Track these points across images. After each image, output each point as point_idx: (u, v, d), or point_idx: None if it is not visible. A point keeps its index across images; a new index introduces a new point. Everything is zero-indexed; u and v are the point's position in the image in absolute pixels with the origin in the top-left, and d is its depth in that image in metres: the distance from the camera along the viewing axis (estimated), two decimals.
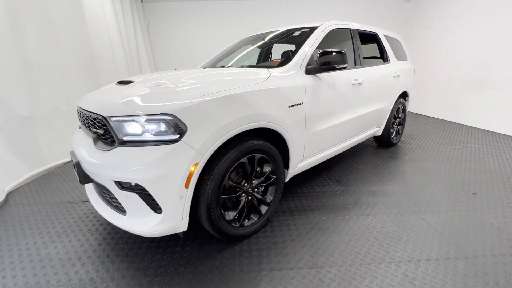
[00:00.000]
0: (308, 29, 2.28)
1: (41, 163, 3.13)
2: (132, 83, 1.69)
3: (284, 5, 6.35)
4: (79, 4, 3.70)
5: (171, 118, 1.29)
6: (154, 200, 1.33)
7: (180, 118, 1.30)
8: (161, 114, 1.29)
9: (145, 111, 1.31)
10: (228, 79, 1.63)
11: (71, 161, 1.76)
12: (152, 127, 1.32)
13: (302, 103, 1.88)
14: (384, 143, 3.57)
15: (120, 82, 1.88)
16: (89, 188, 1.90)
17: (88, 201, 2.31)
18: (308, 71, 1.99)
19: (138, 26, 5.66)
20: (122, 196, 1.38)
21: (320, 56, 1.94)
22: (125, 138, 1.35)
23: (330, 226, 1.85)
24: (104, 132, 1.43)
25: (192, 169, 1.34)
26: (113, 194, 1.43)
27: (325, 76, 2.11)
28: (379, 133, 3.28)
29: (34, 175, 2.97)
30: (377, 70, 2.86)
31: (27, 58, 2.96)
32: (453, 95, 5.23)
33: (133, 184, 1.34)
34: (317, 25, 2.30)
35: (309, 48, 2.06)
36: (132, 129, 1.34)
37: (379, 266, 1.46)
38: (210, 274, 1.45)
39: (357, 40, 2.67)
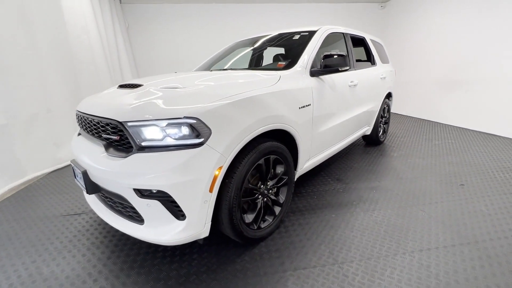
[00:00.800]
0: (307, 33, 2.35)
1: (19, 175, 2.87)
2: (141, 87, 1.63)
3: (267, 10, 6.46)
4: (57, 3, 3.47)
5: (195, 121, 1.26)
6: (178, 206, 1.29)
7: (204, 121, 1.27)
8: (184, 117, 1.26)
9: (167, 114, 1.27)
10: (242, 82, 1.63)
11: (73, 170, 1.64)
12: (174, 131, 1.28)
13: (310, 104, 1.93)
14: (372, 142, 3.76)
15: (124, 86, 1.80)
16: (91, 198, 1.78)
17: (84, 213, 2.16)
18: (312, 73, 2.04)
19: (118, 27, 5.42)
20: (141, 205, 1.32)
21: (323, 58, 2.01)
22: (143, 144, 1.29)
23: (341, 223, 1.91)
24: (120, 138, 1.35)
25: (216, 172, 1.32)
26: (129, 203, 1.36)
27: (327, 78, 2.19)
28: (368, 132, 3.44)
29: (12, 189, 2.72)
30: (368, 72, 3.02)
31: (2, 60, 2.71)
32: (428, 96, 5.64)
33: (154, 191, 1.29)
34: (315, 29, 2.37)
35: (311, 51, 2.13)
36: (152, 133, 1.29)
37: (395, 258, 1.54)
38: (235, 278, 1.42)
39: (350, 43, 2.80)
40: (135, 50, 6.12)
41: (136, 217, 1.42)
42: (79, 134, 1.82)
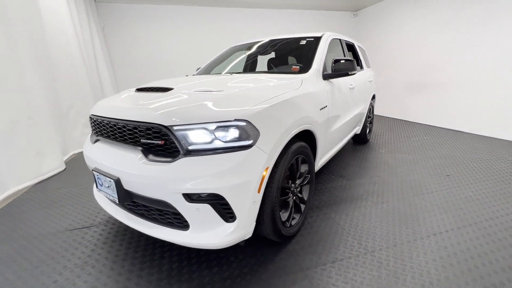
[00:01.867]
0: (313, 39, 2.48)
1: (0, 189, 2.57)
2: (172, 90, 1.59)
3: (248, 15, 6.56)
4: (34, 1, 3.17)
5: (245, 124, 1.29)
6: (228, 208, 1.29)
7: (253, 123, 1.31)
8: (235, 120, 1.28)
9: (216, 118, 1.28)
10: (273, 85, 1.68)
11: (95, 180, 1.54)
12: (223, 134, 1.28)
13: (326, 106, 2.05)
14: (360, 140, 4.04)
15: (147, 89, 1.75)
16: (112, 208, 1.68)
17: (93, 225, 2.02)
18: (324, 77, 2.17)
19: (94, 28, 5.08)
20: (189, 210, 1.29)
21: (334, 63, 2.15)
22: (190, 147, 1.28)
23: (359, 215, 2.05)
24: (164, 142, 1.32)
25: (264, 173, 1.35)
26: (172, 209, 1.33)
27: (335, 81, 2.33)
28: (359, 131, 3.70)
29: None
30: (360, 76, 3.25)
31: None
32: (398, 97, 6.19)
33: (203, 195, 1.28)
34: (319, 35, 2.51)
35: (322, 55, 2.26)
36: (200, 137, 1.28)
37: (416, 242, 1.71)
38: (280, 276, 1.46)
39: (346, 49, 3.00)
40: (111, 52, 5.77)
41: (177, 223, 1.39)
42: (96, 140, 1.71)
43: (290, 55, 2.59)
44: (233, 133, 1.29)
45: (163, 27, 6.00)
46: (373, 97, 4.11)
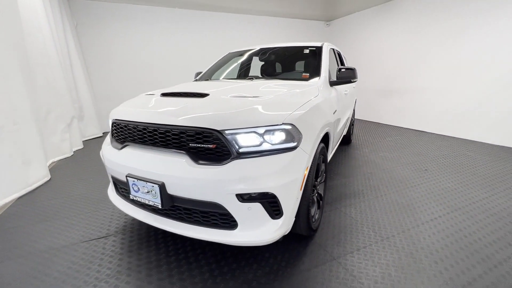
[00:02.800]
0: (315, 48, 2.69)
1: None
2: (209, 96, 1.64)
3: (228, 19, 6.64)
4: None
5: (290, 127, 1.41)
6: (276, 206, 1.39)
7: (297, 127, 1.43)
8: (283, 124, 1.39)
9: (266, 122, 1.38)
10: (299, 91, 1.83)
11: (130, 186, 1.52)
12: (271, 137, 1.39)
13: (336, 110, 2.26)
14: (344, 141, 4.38)
15: (175, 94, 1.76)
16: (141, 213, 1.65)
17: (110, 235, 1.94)
18: (331, 84, 2.38)
19: (68, 26, 4.72)
20: (240, 209, 1.36)
21: (339, 71, 2.38)
22: (241, 150, 1.36)
23: (365, 208, 2.28)
24: (215, 146, 1.37)
25: (305, 172, 1.49)
26: (221, 210, 1.38)
27: (337, 88, 2.57)
28: (345, 133, 4.03)
29: None
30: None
31: None
32: (370, 102, 6.79)
33: (253, 195, 1.36)
34: (319, 45, 2.73)
35: (327, 64, 2.47)
36: (250, 140, 1.37)
37: (419, 228, 1.98)
38: (319, 266, 1.60)
39: (337, 57, 3.28)
40: (85, 52, 5.39)
41: (224, 223, 1.45)
42: (123, 146, 1.67)
43: (296, 62, 2.77)
44: (280, 136, 1.40)
45: (142, 29, 5.79)
46: (355, 101, 4.50)
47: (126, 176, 1.54)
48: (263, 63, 2.94)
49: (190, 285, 1.47)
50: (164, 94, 1.85)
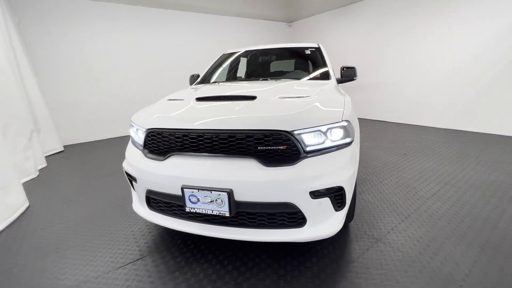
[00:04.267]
0: (314, 49, 2.85)
1: None
2: (257, 98, 1.63)
3: (191, 18, 6.43)
4: None
5: (347, 124, 1.51)
6: (342, 198, 1.48)
7: (351, 123, 1.54)
8: (342, 121, 1.48)
9: (328, 120, 1.46)
10: (328, 90, 1.94)
11: (187, 198, 1.43)
12: (332, 134, 1.47)
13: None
14: None
15: (214, 99, 1.71)
16: (202, 227, 1.56)
17: (145, 256, 1.77)
18: (338, 82, 2.57)
19: (11, 24, 3.96)
20: (312, 206, 1.41)
21: (343, 70, 2.58)
22: (307, 149, 1.42)
23: (378, 193, 2.54)
24: (286, 147, 1.38)
25: (357, 165, 1.61)
26: (294, 209, 1.41)
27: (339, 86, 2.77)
28: None
29: None
30: None
31: None
32: None
33: (322, 190, 1.43)
34: (317, 46, 2.90)
35: (329, 63, 2.64)
36: (315, 139, 1.43)
37: (426, 203, 2.31)
38: (371, 249, 1.75)
39: None
40: (31, 53, 4.60)
41: (291, 222, 1.48)
42: (167, 156, 1.55)
43: (300, 63, 2.88)
44: (340, 132, 1.49)
45: (99, 27, 5.20)
46: None
47: (181, 188, 1.44)
48: (266, 64, 2.99)
49: None
50: (199, 99, 1.76)
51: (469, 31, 4.54)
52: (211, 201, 1.42)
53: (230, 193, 1.37)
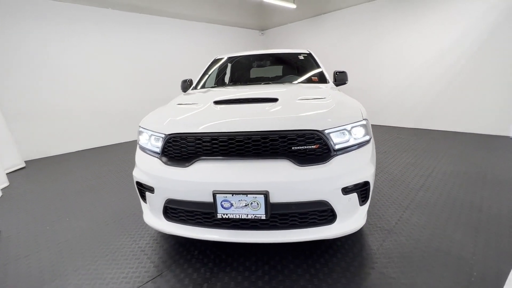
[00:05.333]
0: (307, 54, 2.98)
1: None
2: (278, 101, 1.65)
3: (159, 23, 6.26)
4: None
5: (366, 122, 1.61)
6: (366, 193, 1.56)
7: (369, 122, 1.64)
8: (363, 119, 1.57)
9: (352, 119, 1.54)
10: (337, 92, 2.04)
11: (219, 205, 1.38)
12: (355, 132, 1.55)
13: None
14: None
15: (232, 102, 1.69)
16: (223, 234, 1.51)
17: (165, 270, 1.65)
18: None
19: None
20: (342, 202, 1.46)
21: (336, 74, 2.74)
22: (336, 147, 1.48)
23: (374, 189, 2.70)
24: (318, 146, 1.42)
25: (375, 160, 1.71)
26: (326, 206, 1.45)
27: None
28: None
29: None
30: None
31: None
32: None
33: (351, 186, 1.49)
34: (307, 52, 3.04)
35: (323, 68, 2.79)
36: (342, 137, 1.50)
37: (419, 194, 2.52)
38: (387, 240, 1.85)
39: None
40: None
41: (321, 220, 1.51)
42: (192, 162, 1.48)
43: (295, 67, 2.98)
44: (361, 130, 1.58)
45: (67, 29, 4.76)
46: None
47: (213, 194, 1.39)
48: (262, 68, 3.03)
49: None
50: (216, 102, 1.72)
51: (427, 40, 5.15)
52: (245, 205, 1.39)
53: (266, 195, 1.36)
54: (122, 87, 5.60)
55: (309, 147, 1.43)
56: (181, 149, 1.52)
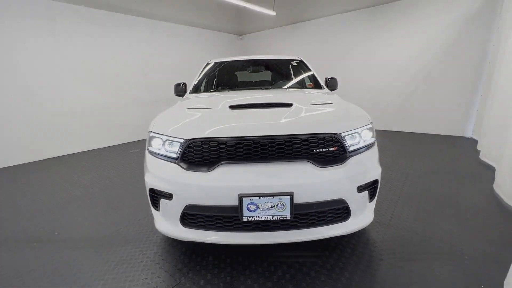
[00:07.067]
0: (299, 60, 3.11)
1: None
2: (292, 106, 1.72)
3: (136, 23, 6.04)
4: None
5: (371, 125, 1.75)
6: (375, 190, 1.70)
7: (373, 125, 1.79)
8: (370, 123, 1.72)
9: (362, 123, 1.67)
10: (337, 97, 2.18)
11: (246, 208, 1.41)
12: (364, 134, 1.69)
13: None
14: None
15: (247, 106, 1.74)
16: (243, 236, 1.53)
17: (183, 278, 1.61)
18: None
19: None
20: (357, 199, 1.58)
21: (328, 80, 2.91)
22: (350, 149, 1.60)
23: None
24: (336, 148, 1.52)
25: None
26: (343, 204, 1.55)
27: None
28: None
29: None
30: None
31: None
32: None
33: (363, 184, 1.62)
34: (299, 58, 3.18)
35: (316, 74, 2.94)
36: (354, 140, 1.62)
37: (403, 191, 2.78)
38: (391, 235, 2.01)
39: None
40: None
41: (337, 217, 1.61)
42: (215, 166, 1.48)
43: (288, 73, 3.09)
44: (369, 133, 1.72)
45: (33, 25, 4.34)
46: None
47: (239, 197, 1.41)
48: (255, 73, 3.08)
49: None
50: (232, 107, 1.74)
51: (397, 48, 5.65)
52: (271, 207, 1.43)
53: (292, 196, 1.41)
54: (93, 89, 5.23)
55: (329, 149, 1.52)
56: (203, 154, 1.51)
